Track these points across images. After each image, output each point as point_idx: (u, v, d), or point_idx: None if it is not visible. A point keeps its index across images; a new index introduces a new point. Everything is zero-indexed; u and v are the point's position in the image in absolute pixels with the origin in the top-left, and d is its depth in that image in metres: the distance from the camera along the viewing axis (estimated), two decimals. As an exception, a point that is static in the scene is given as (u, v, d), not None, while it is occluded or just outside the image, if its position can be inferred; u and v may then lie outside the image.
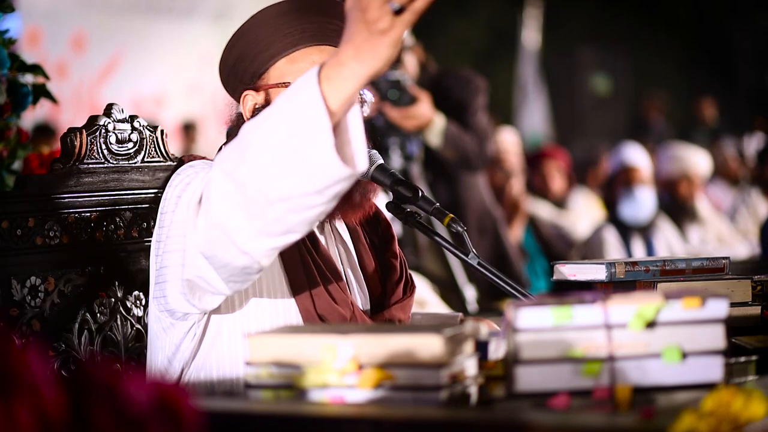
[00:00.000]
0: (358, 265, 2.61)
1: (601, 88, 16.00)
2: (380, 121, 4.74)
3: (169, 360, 2.43)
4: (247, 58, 2.50)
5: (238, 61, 2.51)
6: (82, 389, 1.45)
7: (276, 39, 2.49)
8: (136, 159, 2.71)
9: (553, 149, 8.13)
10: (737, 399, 1.71)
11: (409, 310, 2.61)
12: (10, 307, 2.49)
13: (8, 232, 2.52)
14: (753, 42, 15.55)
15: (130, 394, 1.46)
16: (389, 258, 2.64)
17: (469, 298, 4.83)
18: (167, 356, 2.43)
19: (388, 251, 2.65)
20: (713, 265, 2.57)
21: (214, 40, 10.80)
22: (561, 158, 7.61)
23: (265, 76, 2.50)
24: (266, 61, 2.50)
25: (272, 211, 2.06)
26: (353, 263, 2.60)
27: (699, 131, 13.09)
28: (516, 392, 1.93)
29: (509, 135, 6.83)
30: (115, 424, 1.44)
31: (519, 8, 13.29)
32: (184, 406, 1.50)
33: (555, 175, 7.42)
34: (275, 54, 2.49)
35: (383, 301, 2.59)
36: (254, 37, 2.49)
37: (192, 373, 2.43)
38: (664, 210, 6.80)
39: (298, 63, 2.48)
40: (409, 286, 2.64)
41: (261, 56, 2.49)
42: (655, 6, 15.83)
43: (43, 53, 9.72)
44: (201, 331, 2.42)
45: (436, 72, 5.11)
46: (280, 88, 2.48)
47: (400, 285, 2.61)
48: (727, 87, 15.64)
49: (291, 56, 2.49)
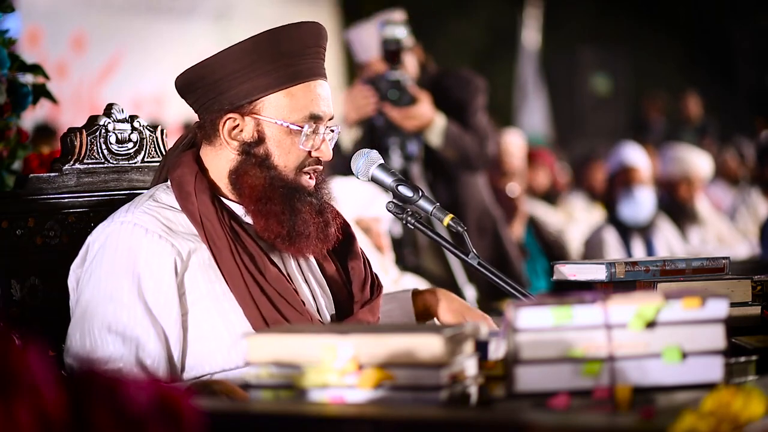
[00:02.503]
0: (318, 271, 2.58)
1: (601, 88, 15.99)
2: (380, 121, 4.73)
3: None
4: (238, 78, 2.45)
5: (225, 78, 2.45)
6: (82, 389, 1.45)
7: (274, 68, 2.44)
8: (136, 159, 2.71)
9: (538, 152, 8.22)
10: (737, 399, 1.71)
11: (378, 310, 2.58)
12: (10, 307, 2.49)
13: (8, 232, 2.52)
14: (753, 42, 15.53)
15: (130, 394, 1.46)
16: (351, 259, 2.61)
17: (469, 298, 4.83)
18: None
19: (350, 253, 2.62)
20: (713, 265, 2.57)
21: (214, 40, 10.79)
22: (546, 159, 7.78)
23: (257, 103, 2.46)
24: (261, 89, 2.45)
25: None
26: (313, 269, 2.58)
27: (685, 129, 13.04)
28: (516, 392, 1.93)
29: (514, 137, 6.80)
30: (115, 424, 1.44)
31: (519, 8, 13.28)
32: (184, 406, 1.50)
33: (539, 173, 7.57)
34: (272, 85, 2.45)
35: (350, 305, 2.57)
36: (251, 60, 2.44)
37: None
38: (664, 210, 6.80)
39: (297, 99, 2.46)
40: (375, 286, 2.60)
41: (255, 81, 2.45)
42: (655, 6, 15.81)
43: (43, 53, 9.71)
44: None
45: (436, 72, 5.10)
46: (274, 123, 2.45)
47: (366, 286, 2.58)
48: (727, 87, 15.63)
49: (289, 91, 2.46)
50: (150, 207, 2.46)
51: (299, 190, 2.48)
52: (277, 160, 2.47)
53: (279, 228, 2.45)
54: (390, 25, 4.76)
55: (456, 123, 4.88)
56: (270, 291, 2.41)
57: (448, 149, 4.86)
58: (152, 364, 2.35)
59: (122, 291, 2.37)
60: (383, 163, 2.60)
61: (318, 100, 2.49)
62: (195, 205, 2.43)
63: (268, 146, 2.46)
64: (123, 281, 2.38)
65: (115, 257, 2.39)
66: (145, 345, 2.36)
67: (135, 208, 2.45)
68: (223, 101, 2.47)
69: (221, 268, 2.41)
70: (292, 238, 2.45)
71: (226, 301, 2.41)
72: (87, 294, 2.39)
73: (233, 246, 2.41)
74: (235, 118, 2.47)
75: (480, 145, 4.94)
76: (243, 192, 2.46)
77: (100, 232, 2.44)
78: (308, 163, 2.50)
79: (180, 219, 2.46)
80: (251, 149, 2.46)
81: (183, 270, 2.40)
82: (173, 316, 2.38)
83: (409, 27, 4.85)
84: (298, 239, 2.46)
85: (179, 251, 2.41)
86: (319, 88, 2.49)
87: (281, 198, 2.45)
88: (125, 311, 2.36)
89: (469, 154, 4.91)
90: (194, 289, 2.41)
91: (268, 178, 2.45)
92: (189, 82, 2.51)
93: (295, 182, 2.48)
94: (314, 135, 2.48)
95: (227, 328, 2.40)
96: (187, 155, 2.52)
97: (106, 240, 2.42)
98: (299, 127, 2.45)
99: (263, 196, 2.45)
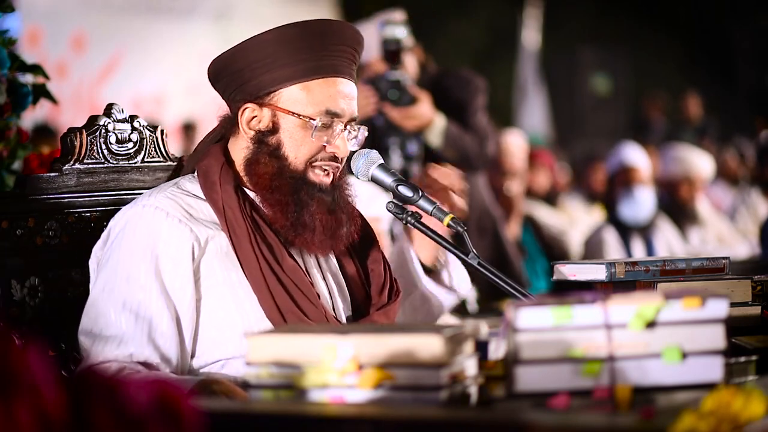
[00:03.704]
0: (339, 272, 2.59)
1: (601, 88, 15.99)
2: (380, 121, 4.73)
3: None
4: (259, 68, 2.47)
5: (247, 68, 2.48)
6: (82, 389, 1.45)
7: (295, 61, 2.47)
8: (136, 159, 2.71)
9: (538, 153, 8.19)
10: (737, 399, 1.71)
11: (394, 315, 2.58)
12: (10, 307, 2.49)
13: (8, 232, 2.52)
14: (753, 42, 15.54)
15: (130, 394, 1.46)
16: (372, 263, 2.62)
17: (469, 298, 4.83)
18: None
19: (371, 256, 2.63)
20: (713, 265, 2.57)
21: (214, 40, 10.80)
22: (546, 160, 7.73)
23: (275, 94, 2.48)
24: (280, 81, 2.47)
25: None
26: (333, 270, 2.59)
27: (685, 129, 13.04)
28: (516, 392, 1.93)
29: (515, 137, 6.77)
30: (115, 424, 1.44)
31: (519, 8, 13.29)
32: (184, 406, 1.50)
33: (539, 174, 7.51)
34: (291, 77, 2.47)
35: (366, 307, 2.57)
36: (273, 50, 2.47)
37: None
38: (664, 210, 6.79)
39: (314, 94, 2.47)
40: (394, 291, 2.60)
41: (275, 73, 2.47)
42: (655, 6, 15.82)
43: (43, 53, 9.72)
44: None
45: (436, 72, 5.10)
46: (290, 114, 2.47)
47: (385, 290, 2.59)
48: (727, 87, 15.63)
49: (307, 84, 2.47)
50: (173, 193, 2.48)
51: (308, 183, 2.48)
52: (288, 151, 2.48)
53: (283, 218, 2.46)
54: (390, 25, 4.76)
55: (456, 123, 4.88)
56: (286, 281, 2.43)
57: (448, 149, 4.86)
58: (164, 344, 2.37)
59: (139, 272, 2.39)
60: (383, 163, 2.60)
61: (337, 96, 2.49)
62: (219, 194, 2.46)
63: (280, 136, 2.48)
64: (141, 263, 2.40)
65: (134, 239, 2.41)
66: (158, 325, 2.37)
67: (157, 194, 2.48)
68: (245, 91, 2.50)
69: (239, 256, 2.42)
70: (296, 229, 2.46)
71: (242, 289, 2.42)
72: (105, 274, 2.41)
73: (253, 236, 2.43)
74: (253, 108, 2.49)
75: (480, 145, 4.94)
76: (255, 180, 2.49)
77: (122, 215, 2.47)
78: (321, 157, 2.49)
79: (201, 206, 2.48)
80: (264, 138, 2.49)
81: (200, 256, 2.42)
82: (188, 300, 2.40)
83: (409, 27, 4.85)
84: (302, 231, 2.46)
85: (198, 237, 2.43)
86: (341, 86, 2.50)
87: (288, 188, 2.46)
88: (141, 291, 2.38)
89: (469, 154, 4.91)
90: (210, 276, 2.42)
91: (277, 168, 2.47)
92: (216, 72, 2.54)
93: (305, 175, 2.48)
94: (328, 130, 2.48)
95: (241, 317, 2.41)
96: (215, 147, 2.56)
97: (126, 223, 2.44)
98: (312, 119, 2.46)
99: (271, 185, 2.47)
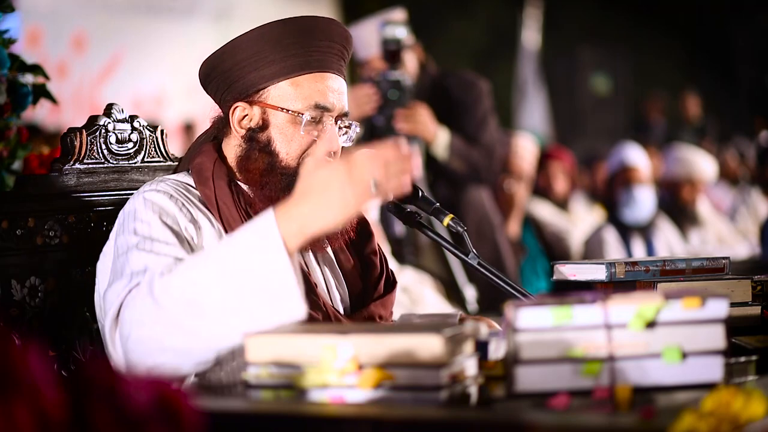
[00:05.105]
0: (335, 263, 2.61)
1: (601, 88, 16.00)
2: (380, 121, 4.74)
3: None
4: (246, 67, 2.49)
5: (235, 68, 2.50)
6: (82, 389, 1.45)
7: (281, 57, 2.48)
8: (136, 159, 2.71)
9: (558, 150, 8.09)
10: (737, 399, 1.71)
11: (391, 306, 2.61)
12: (10, 307, 2.49)
13: (8, 232, 2.52)
14: (753, 42, 15.55)
15: (130, 394, 1.46)
16: (368, 254, 2.65)
17: (469, 298, 4.83)
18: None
19: (367, 247, 2.65)
20: (713, 265, 2.57)
21: (214, 40, 10.78)
22: (566, 159, 7.58)
23: (264, 92, 2.50)
24: (268, 78, 2.49)
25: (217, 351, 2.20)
26: (330, 261, 2.61)
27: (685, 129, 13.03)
28: (516, 392, 1.93)
29: (526, 141, 6.74)
30: (115, 424, 1.44)
31: (519, 8, 13.29)
32: (184, 406, 1.50)
33: (559, 177, 7.38)
34: (279, 74, 2.48)
35: (363, 299, 2.59)
36: (259, 48, 2.48)
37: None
38: (665, 211, 6.80)
39: (302, 89, 2.48)
40: (390, 282, 2.64)
41: (262, 71, 2.48)
42: (655, 6, 15.82)
43: (43, 53, 9.71)
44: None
45: (437, 73, 5.10)
46: (279, 111, 2.48)
47: (381, 281, 2.62)
48: (727, 87, 15.64)
49: (295, 80, 2.49)
50: (174, 182, 2.51)
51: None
52: (279, 147, 2.49)
53: None
54: (390, 25, 4.76)
55: (459, 133, 4.86)
56: None
57: (455, 161, 4.86)
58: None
59: (151, 229, 2.39)
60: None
61: (326, 91, 2.50)
62: (212, 189, 2.48)
63: (271, 133, 2.49)
64: (152, 225, 2.40)
65: (143, 215, 2.42)
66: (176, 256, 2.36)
67: (159, 182, 2.50)
68: (235, 91, 2.51)
69: None
70: None
71: None
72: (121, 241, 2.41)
73: None
74: (243, 107, 2.51)
75: (488, 157, 4.93)
76: (247, 176, 2.51)
77: (130, 202, 2.47)
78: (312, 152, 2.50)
79: (199, 196, 2.50)
80: (255, 135, 2.50)
81: (200, 241, 2.44)
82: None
83: (409, 27, 4.85)
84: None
85: (197, 221, 2.45)
86: (329, 81, 2.51)
87: (279, 184, 2.47)
88: (155, 240, 2.38)
89: (478, 168, 4.90)
90: None
91: (268, 164, 2.48)
92: (206, 74, 2.56)
93: (296, 170, 2.48)
94: (318, 124, 2.49)
95: None
96: (207, 145, 2.57)
97: (134, 207, 2.44)
98: (301, 114, 2.46)
99: (261, 181, 2.49)
